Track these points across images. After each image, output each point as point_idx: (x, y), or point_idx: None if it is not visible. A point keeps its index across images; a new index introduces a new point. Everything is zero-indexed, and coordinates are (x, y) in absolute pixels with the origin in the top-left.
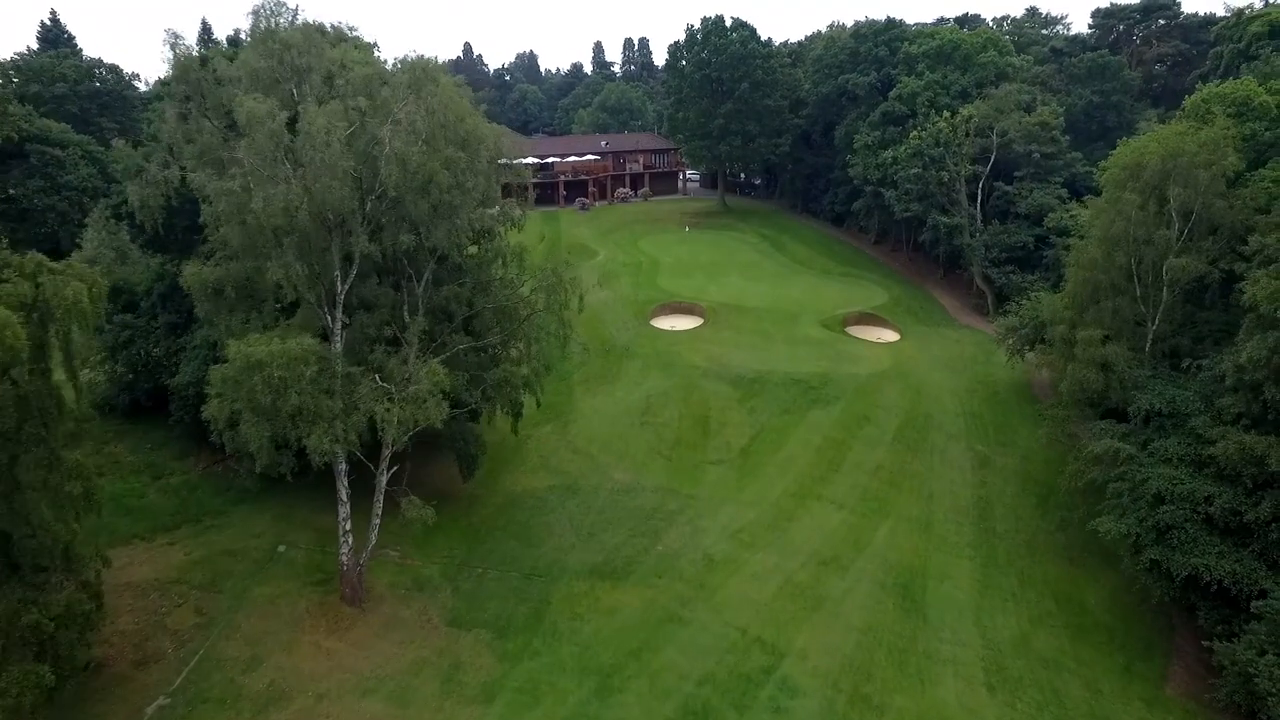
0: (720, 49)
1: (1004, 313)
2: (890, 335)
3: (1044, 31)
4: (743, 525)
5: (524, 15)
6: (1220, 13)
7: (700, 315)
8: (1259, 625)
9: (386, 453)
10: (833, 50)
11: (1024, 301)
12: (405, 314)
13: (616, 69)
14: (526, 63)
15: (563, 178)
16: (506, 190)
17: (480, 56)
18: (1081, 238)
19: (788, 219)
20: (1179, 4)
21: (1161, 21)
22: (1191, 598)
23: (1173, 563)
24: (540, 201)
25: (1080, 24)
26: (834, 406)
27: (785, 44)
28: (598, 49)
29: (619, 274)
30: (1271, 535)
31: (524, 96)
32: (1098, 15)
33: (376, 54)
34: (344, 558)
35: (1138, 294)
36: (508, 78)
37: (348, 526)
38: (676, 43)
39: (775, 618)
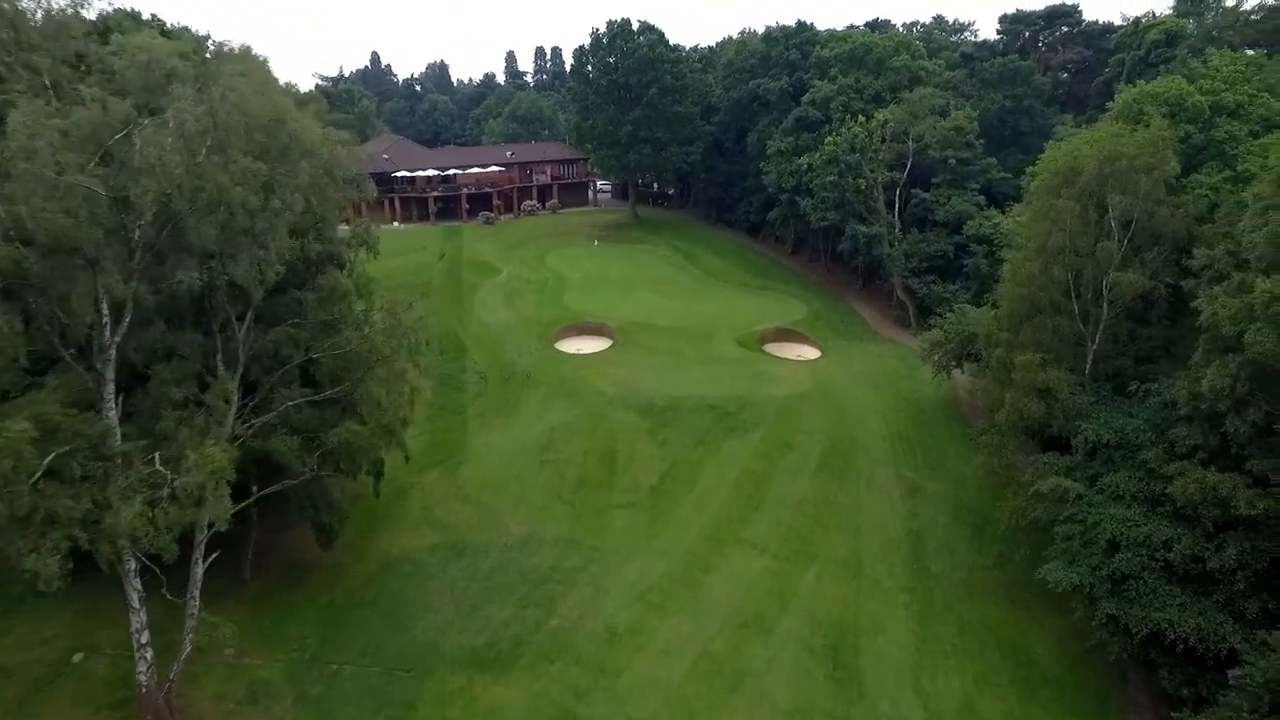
0: (627, 53)
1: (928, 326)
2: (810, 352)
3: (953, 38)
4: (652, 582)
5: (436, 26)
6: (1118, 21)
7: (609, 336)
8: (1237, 698)
9: (201, 538)
10: (744, 54)
11: (948, 314)
12: (221, 365)
13: (529, 78)
14: (437, 73)
15: (465, 190)
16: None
17: (389, 66)
18: (1006, 247)
19: (702, 230)
20: (1080, 11)
21: (1065, 29)
22: (1152, 654)
23: (1132, 618)
24: (442, 216)
25: (987, 30)
26: (753, 434)
27: (695, 49)
28: (510, 58)
29: (523, 292)
30: (1237, 585)
31: (434, 107)
32: (1005, 21)
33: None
34: (142, 677)
35: (1076, 311)
36: (418, 88)
37: (144, 639)
38: (581, 47)
39: (688, 705)
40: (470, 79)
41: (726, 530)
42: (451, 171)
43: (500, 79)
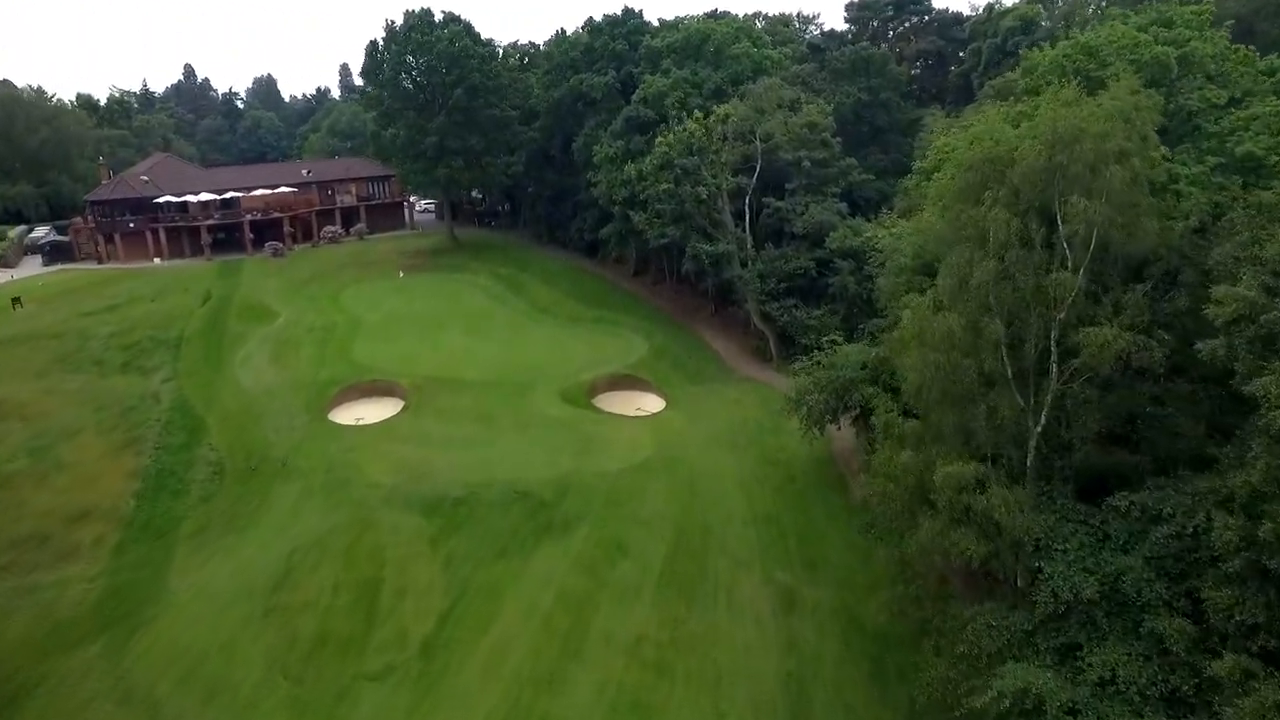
0: (425, 47)
1: (790, 358)
2: (653, 403)
3: (801, 31)
4: None
5: (262, 40)
6: (967, 10)
7: (400, 397)
8: None
9: None
10: (564, 47)
11: (815, 353)
12: None
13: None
14: (265, 88)
15: (250, 217)
16: None
17: (206, 80)
18: (881, 266)
19: (532, 252)
20: (928, 1)
21: (915, 18)
22: None
23: None
24: (222, 248)
25: (834, 23)
26: (575, 532)
27: (515, 45)
28: (344, 71)
29: (300, 343)
30: None
31: (257, 124)
32: (852, 9)
33: None
34: None
35: (1012, 379)
36: (239, 103)
37: None
38: (373, 42)
39: None
40: (304, 94)
41: (532, 703)
42: (231, 194)
43: (335, 93)
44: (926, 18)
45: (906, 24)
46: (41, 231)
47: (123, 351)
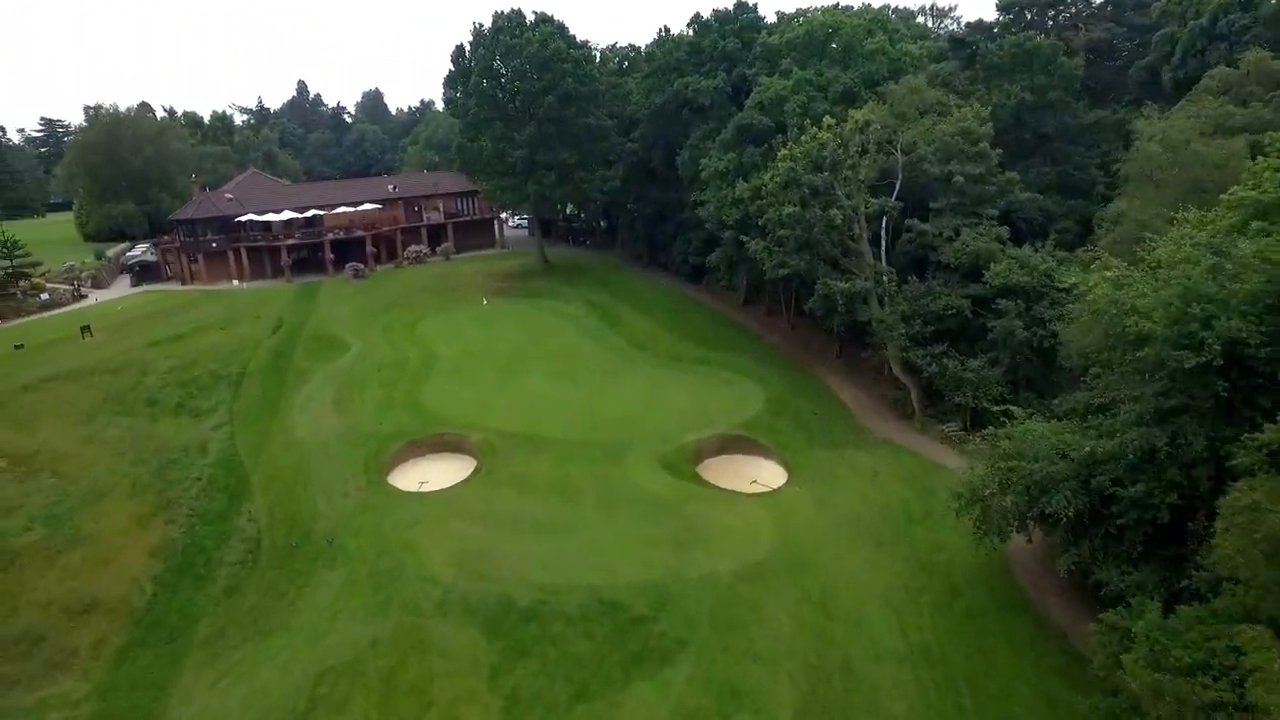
0: (514, 50)
1: (936, 416)
2: (772, 473)
3: (929, 25)
4: None
5: (371, 54)
6: None
7: (470, 455)
8: None
9: None
10: (667, 47)
11: (993, 429)
12: None
13: None
14: (372, 102)
15: (332, 235)
16: None
17: (319, 96)
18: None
19: (629, 276)
20: None
21: (1081, 4)
22: None
23: None
24: (303, 269)
25: (973, 16)
26: (675, 667)
27: (614, 48)
28: (449, 83)
29: (366, 383)
30: None
31: (363, 137)
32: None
33: None
34: None
35: None
36: (347, 117)
37: None
38: (459, 47)
39: None
40: (408, 107)
41: None
42: (314, 212)
43: (439, 105)
44: (1098, 1)
45: (1071, 10)
46: (140, 250)
47: (179, 389)
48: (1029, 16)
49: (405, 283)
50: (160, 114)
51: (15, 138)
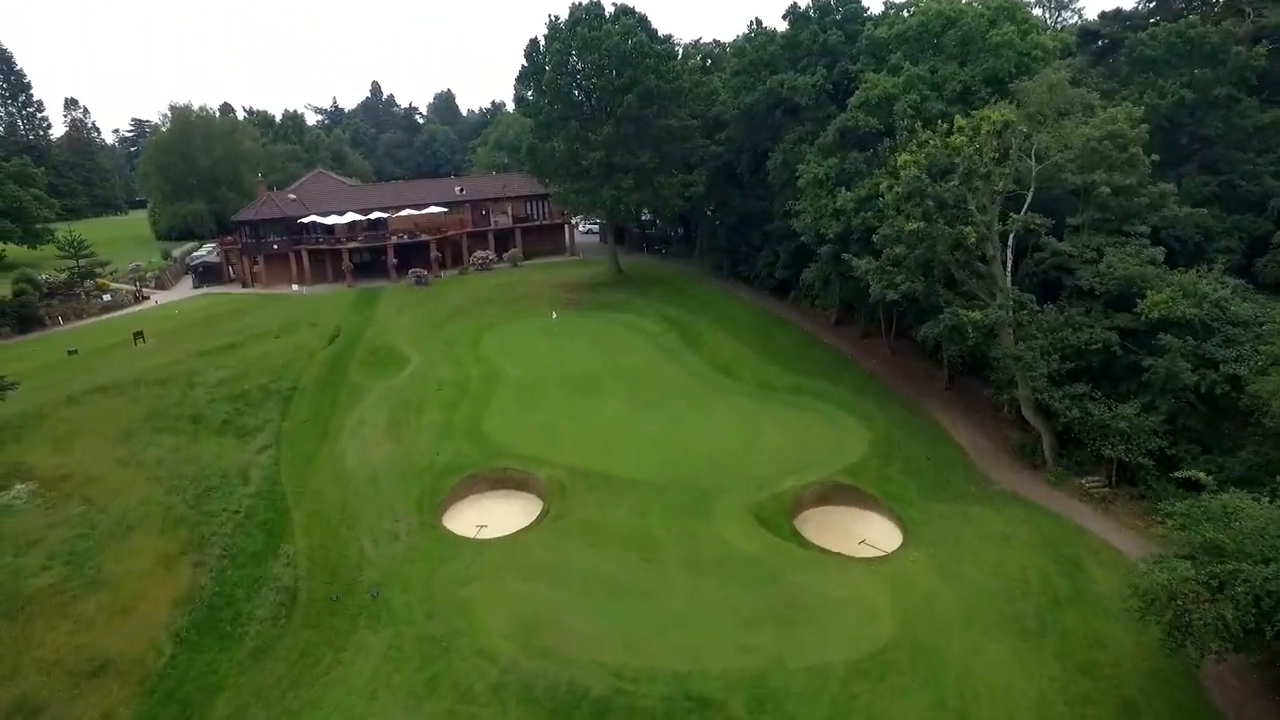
0: (592, 44)
1: (1072, 467)
2: (883, 531)
3: (1047, 18)
4: None
5: (445, 56)
6: None
7: (537, 495)
8: None
9: None
10: (759, 42)
11: (1175, 503)
12: None
13: None
14: (444, 103)
15: (396, 239)
16: None
17: (391, 96)
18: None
19: (709, 290)
20: None
21: None
22: None
23: None
24: (365, 273)
25: (1093, 11)
26: None
27: (698, 43)
28: (520, 80)
29: (424, 405)
30: None
31: (433, 138)
32: None
33: None
34: None
35: None
36: (419, 118)
37: None
38: (533, 41)
39: None
40: (480, 108)
41: None
42: (378, 215)
43: (509, 106)
44: None
45: None
46: (206, 250)
47: (227, 404)
48: (1178, 4)
49: (470, 291)
50: (241, 115)
51: (110, 138)
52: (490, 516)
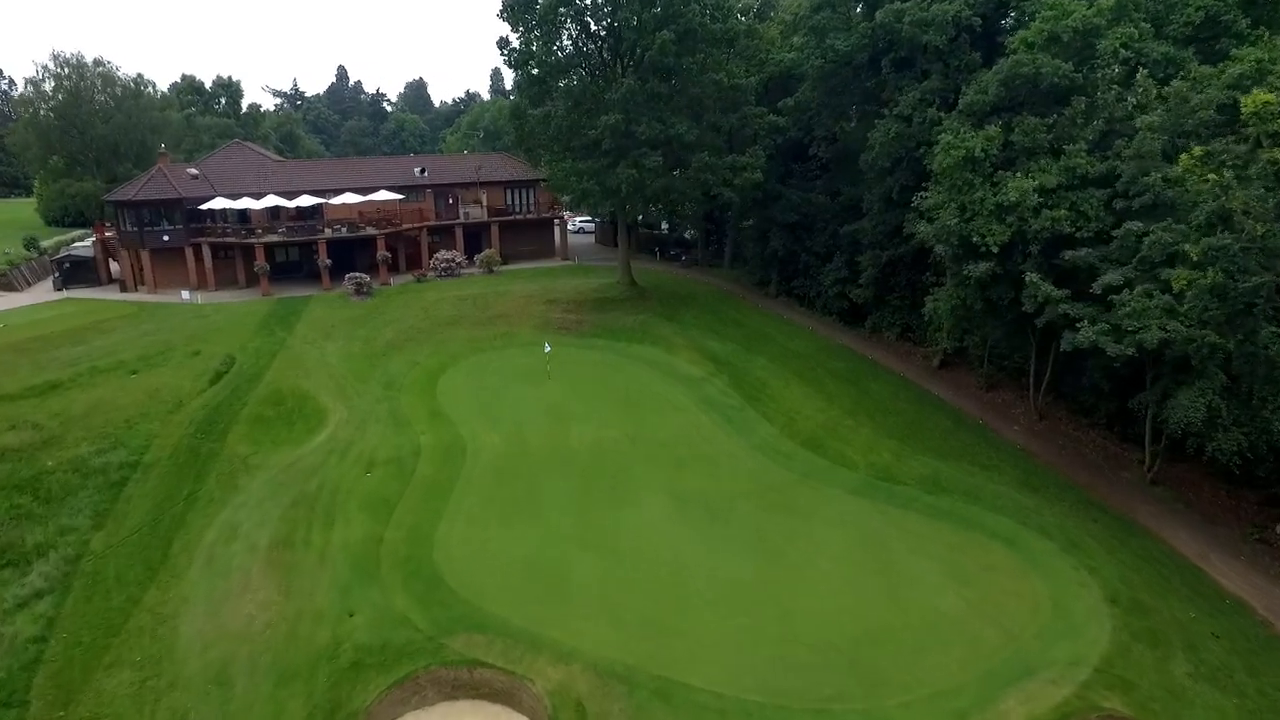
0: None
1: None
2: None
3: None
4: None
5: (417, 46)
6: None
7: None
8: None
9: None
10: None
11: None
12: None
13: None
14: (415, 92)
15: (329, 232)
16: None
17: (359, 83)
18: None
19: (758, 313)
20: None
21: None
22: None
23: None
24: (286, 277)
25: None
26: None
27: None
28: (495, 75)
29: (341, 506)
30: None
31: (401, 126)
32: None
33: None
34: None
35: None
36: (387, 105)
37: None
38: None
39: None
40: (454, 99)
41: None
42: (309, 200)
43: (486, 96)
44: None
45: None
46: (86, 241)
47: (4, 502)
48: None
49: (428, 306)
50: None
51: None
52: None
